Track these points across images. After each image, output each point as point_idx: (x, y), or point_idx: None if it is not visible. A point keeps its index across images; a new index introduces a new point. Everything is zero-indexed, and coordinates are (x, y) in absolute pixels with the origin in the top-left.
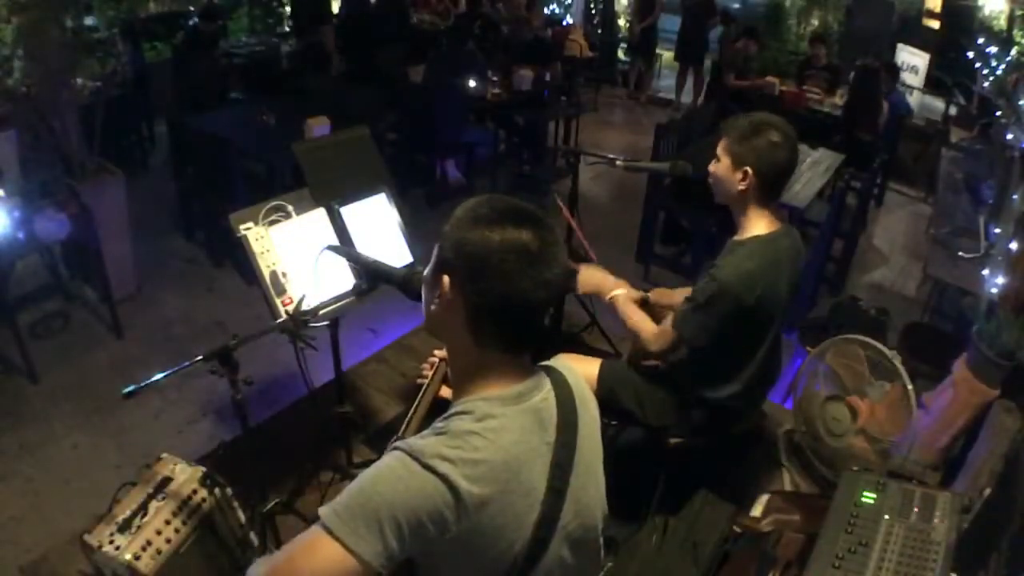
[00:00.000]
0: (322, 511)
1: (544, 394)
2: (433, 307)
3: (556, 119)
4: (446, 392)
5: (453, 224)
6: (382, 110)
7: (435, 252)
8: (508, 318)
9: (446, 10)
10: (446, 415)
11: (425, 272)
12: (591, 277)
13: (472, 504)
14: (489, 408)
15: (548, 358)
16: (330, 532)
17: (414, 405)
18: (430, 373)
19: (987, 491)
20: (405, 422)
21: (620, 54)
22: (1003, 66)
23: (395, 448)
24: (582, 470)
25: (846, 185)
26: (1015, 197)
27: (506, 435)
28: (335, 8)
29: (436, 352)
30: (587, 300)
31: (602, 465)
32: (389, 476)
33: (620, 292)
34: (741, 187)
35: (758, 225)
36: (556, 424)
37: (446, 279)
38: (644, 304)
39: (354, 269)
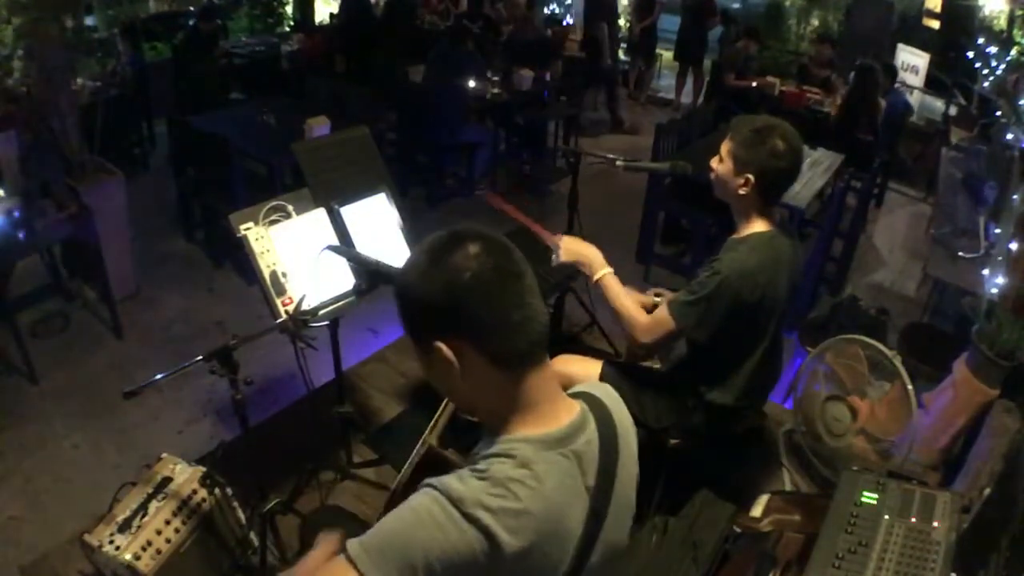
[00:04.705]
0: (350, 545)
1: (588, 435)
2: (448, 378)
3: (556, 119)
4: None
5: (405, 297)
6: (382, 110)
7: (411, 341)
8: (508, 333)
9: (446, 10)
10: (485, 453)
11: (419, 359)
12: (576, 244)
13: (509, 555)
14: (532, 453)
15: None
16: (359, 570)
17: (441, 407)
18: None
19: (987, 491)
20: (432, 423)
21: (620, 54)
22: (1003, 66)
23: (431, 487)
24: (615, 510)
25: (846, 185)
26: (1015, 197)
27: (549, 482)
28: (335, 8)
29: None
30: (587, 300)
31: (635, 491)
32: (428, 522)
33: (608, 271)
34: (742, 191)
35: (757, 224)
36: (597, 467)
37: (439, 344)
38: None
39: (354, 269)
